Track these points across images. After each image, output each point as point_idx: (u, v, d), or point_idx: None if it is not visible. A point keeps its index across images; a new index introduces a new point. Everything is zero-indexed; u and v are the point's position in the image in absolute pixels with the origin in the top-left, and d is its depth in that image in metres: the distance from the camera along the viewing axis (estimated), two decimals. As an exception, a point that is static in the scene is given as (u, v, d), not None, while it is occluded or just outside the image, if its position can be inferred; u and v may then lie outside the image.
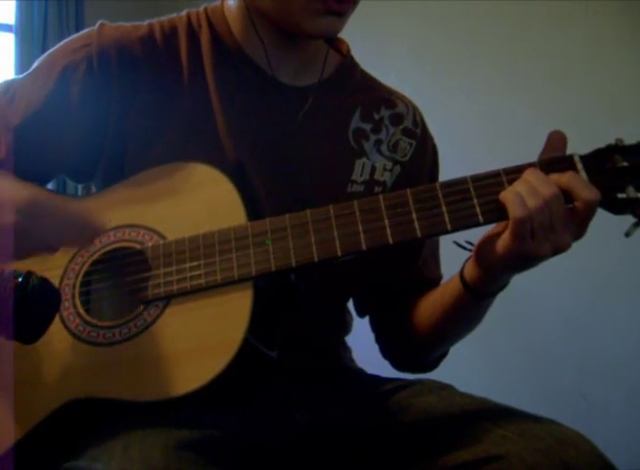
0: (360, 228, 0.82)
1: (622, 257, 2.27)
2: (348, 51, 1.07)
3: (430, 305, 0.99)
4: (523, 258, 0.80)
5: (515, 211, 0.77)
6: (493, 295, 0.90)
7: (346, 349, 1.09)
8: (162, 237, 0.87)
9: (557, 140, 0.83)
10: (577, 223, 0.79)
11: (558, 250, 0.79)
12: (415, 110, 1.08)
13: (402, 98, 1.08)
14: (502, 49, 2.57)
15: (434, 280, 1.06)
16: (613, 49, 2.31)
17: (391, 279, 1.05)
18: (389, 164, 1.02)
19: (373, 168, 1.01)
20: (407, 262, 1.04)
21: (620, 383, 2.27)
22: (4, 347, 0.83)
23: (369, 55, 1.16)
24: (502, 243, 0.81)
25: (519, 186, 0.79)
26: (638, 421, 2.20)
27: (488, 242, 0.83)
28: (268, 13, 0.93)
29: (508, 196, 0.79)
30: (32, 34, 3.46)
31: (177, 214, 0.88)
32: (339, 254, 0.82)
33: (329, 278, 0.94)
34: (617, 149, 0.81)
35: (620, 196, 0.80)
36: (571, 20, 2.40)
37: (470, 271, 0.89)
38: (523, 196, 0.78)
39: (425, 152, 1.06)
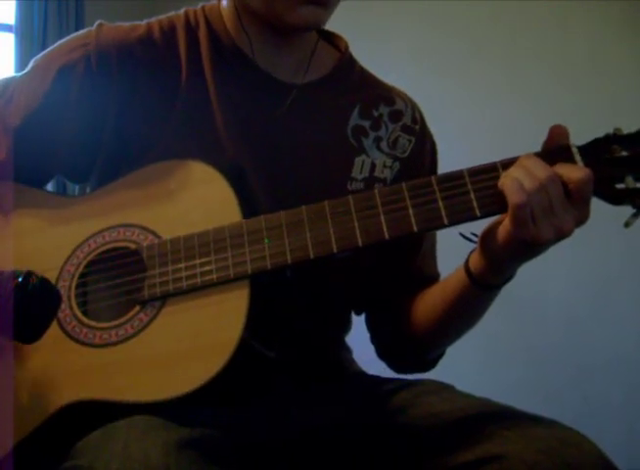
0: (356, 224, 0.81)
1: (623, 257, 2.27)
2: (347, 48, 1.06)
3: (430, 301, 0.98)
4: (526, 244, 0.79)
5: (513, 196, 0.77)
6: (498, 287, 0.89)
7: (347, 349, 1.09)
8: (158, 236, 0.87)
9: (558, 134, 0.82)
10: (577, 206, 0.78)
11: (560, 233, 0.77)
12: (414, 106, 1.07)
13: (401, 95, 1.07)
14: (502, 49, 2.57)
15: (433, 277, 1.05)
16: (613, 49, 2.32)
17: (390, 275, 1.04)
18: (389, 161, 1.02)
19: (373, 165, 1.00)
20: (407, 258, 1.03)
21: (620, 383, 2.27)
22: (4, 347, 0.83)
23: (369, 55, 1.16)
24: (504, 230, 0.80)
25: (515, 171, 0.79)
26: (638, 421, 2.21)
27: (492, 231, 0.83)
28: (254, 9, 0.94)
29: (506, 182, 0.78)
30: (32, 34, 3.46)
31: (172, 213, 0.88)
32: (334, 250, 0.81)
33: (327, 274, 0.93)
34: (615, 138, 0.80)
35: (619, 186, 0.79)
36: (572, 20, 2.40)
37: (475, 262, 0.88)
38: (520, 180, 0.77)
39: (423, 148, 1.06)
